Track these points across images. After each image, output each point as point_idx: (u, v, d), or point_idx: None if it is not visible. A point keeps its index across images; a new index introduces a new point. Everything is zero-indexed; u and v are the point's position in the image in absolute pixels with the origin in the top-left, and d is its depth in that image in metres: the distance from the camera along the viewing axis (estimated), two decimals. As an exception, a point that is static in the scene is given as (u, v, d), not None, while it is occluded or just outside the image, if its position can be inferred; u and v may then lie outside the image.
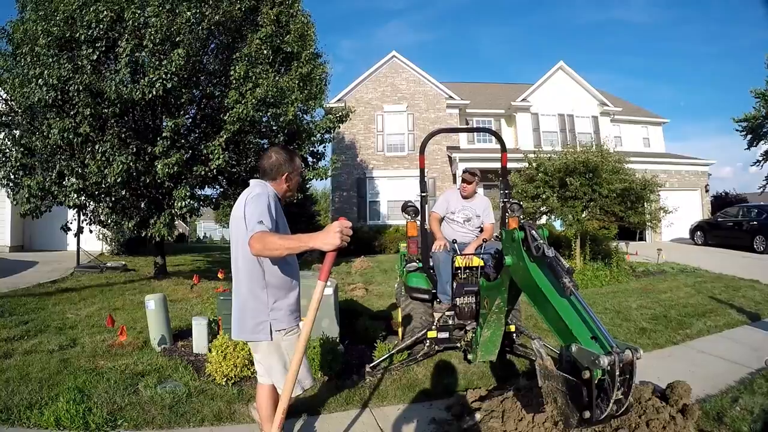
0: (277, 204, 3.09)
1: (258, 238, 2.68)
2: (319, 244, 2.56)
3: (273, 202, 2.99)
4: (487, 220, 6.03)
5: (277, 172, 3.22)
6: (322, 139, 14.33)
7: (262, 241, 2.66)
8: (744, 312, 8.04)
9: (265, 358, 3.20)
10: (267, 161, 3.24)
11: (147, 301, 6.18)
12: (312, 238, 2.61)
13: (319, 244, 2.56)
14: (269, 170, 3.21)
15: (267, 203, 2.91)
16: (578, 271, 11.77)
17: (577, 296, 2.88)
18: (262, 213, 2.83)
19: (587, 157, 12.20)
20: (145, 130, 10.95)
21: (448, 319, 5.52)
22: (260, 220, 2.77)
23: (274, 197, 3.06)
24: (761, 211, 18.38)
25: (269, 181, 3.22)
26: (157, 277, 12.49)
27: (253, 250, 2.71)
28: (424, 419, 4.22)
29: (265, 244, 2.66)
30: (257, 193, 3.00)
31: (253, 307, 3.09)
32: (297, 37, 12.66)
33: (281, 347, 3.12)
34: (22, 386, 4.75)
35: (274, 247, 2.66)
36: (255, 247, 2.69)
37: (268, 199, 2.95)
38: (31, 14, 10.10)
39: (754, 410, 4.05)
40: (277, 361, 3.13)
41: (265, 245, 2.66)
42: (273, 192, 3.13)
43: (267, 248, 2.67)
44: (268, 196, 2.99)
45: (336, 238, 2.51)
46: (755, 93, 26.61)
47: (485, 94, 29.11)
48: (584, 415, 2.58)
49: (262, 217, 2.80)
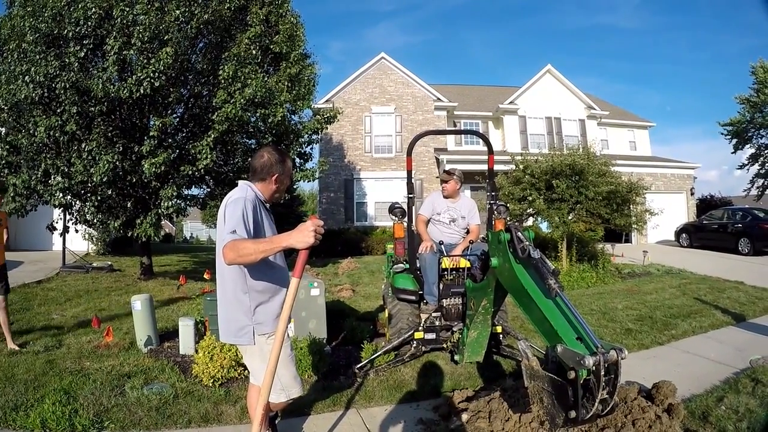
0: (258, 207, 3.02)
1: (230, 247, 2.66)
2: (293, 242, 2.58)
3: (251, 207, 2.92)
4: (473, 221, 6.05)
5: (267, 172, 3.15)
6: (310, 140, 14.32)
7: (234, 249, 2.65)
8: (729, 313, 8.13)
9: (249, 361, 3.18)
10: (258, 160, 3.18)
11: (133, 301, 6.14)
12: (286, 237, 2.63)
13: (294, 243, 2.58)
14: (259, 170, 3.15)
15: (242, 209, 2.85)
16: (564, 272, 11.84)
17: (563, 297, 2.90)
18: (237, 221, 2.79)
19: (574, 160, 12.27)
20: (132, 129, 10.89)
21: (434, 320, 5.53)
22: (233, 230, 2.74)
23: (252, 201, 2.97)
24: (746, 214, 18.59)
25: (257, 182, 3.16)
26: (143, 278, 12.41)
27: (226, 259, 2.71)
28: (411, 420, 4.23)
29: (237, 251, 2.65)
30: (234, 198, 2.95)
31: (235, 311, 3.05)
32: (286, 38, 12.64)
33: (264, 351, 3.07)
34: (7, 388, 4.70)
35: (248, 253, 2.64)
36: (228, 256, 2.68)
37: (244, 204, 2.88)
38: (19, 10, 10.00)
39: (739, 409, 4.09)
40: (259, 364, 3.07)
41: (238, 253, 2.65)
42: (253, 196, 3.04)
43: (240, 255, 2.65)
44: (245, 201, 2.91)
45: (310, 237, 2.54)
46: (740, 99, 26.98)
47: (473, 97, 29.21)
48: (570, 415, 2.59)
49: (236, 226, 2.77)
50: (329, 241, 20.22)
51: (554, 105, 25.85)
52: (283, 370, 3.06)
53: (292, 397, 3.20)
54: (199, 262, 17.46)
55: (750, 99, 26.64)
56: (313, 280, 6.15)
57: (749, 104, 26.73)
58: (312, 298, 5.99)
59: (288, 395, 3.16)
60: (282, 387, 3.10)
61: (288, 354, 3.15)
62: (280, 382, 3.07)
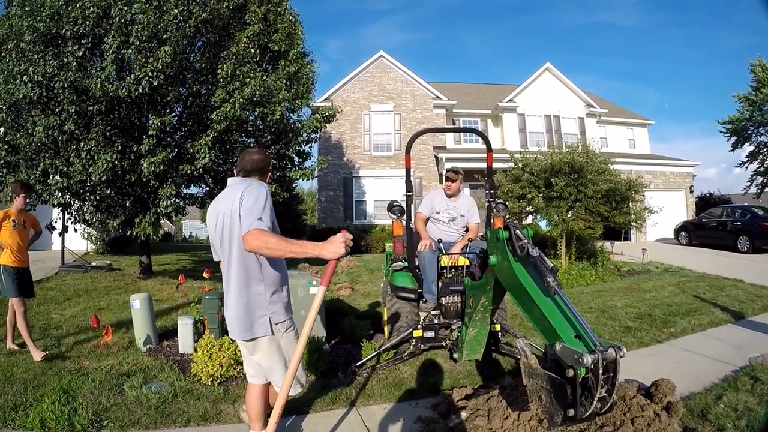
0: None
1: (256, 235, 2.68)
2: (325, 253, 2.71)
3: (270, 198, 2.99)
4: (472, 219, 6.04)
5: (266, 169, 3.31)
6: (309, 139, 14.30)
7: (261, 239, 2.68)
8: (728, 311, 8.14)
9: (266, 358, 3.18)
10: (257, 156, 3.27)
11: (132, 300, 6.14)
12: (318, 247, 2.73)
13: (326, 254, 2.71)
14: (261, 167, 3.26)
15: (266, 199, 2.91)
16: (564, 270, 11.84)
17: (561, 295, 2.89)
18: (263, 210, 2.83)
19: (573, 158, 12.28)
20: (130, 128, 10.88)
21: (433, 318, 5.53)
22: (260, 217, 2.78)
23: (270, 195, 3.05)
24: (745, 212, 18.59)
25: (257, 177, 3.23)
26: (142, 277, 12.40)
27: (247, 245, 2.72)
28: (410, 418, 4.23)
29: (264, 243, 2.68)
30: (256, 186, 2.99)
31: (251, 302, 3.08)
32: (284, 36, 12.63)
33: (281, 346, 3.14)
34: (6, 387, 4.71)
35: (275, 248, 2.69)
36: (251, 243, 2.69)
37: (267, 194, 2.95)
38: (17, 9, 9.97)
39: (738, 407, 4.09)
40: (278, 360, 3.15)
41: (265, 244, 2.68)
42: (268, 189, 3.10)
43: (266, 247, 2.69)
44: (266, 191, 2.98)
45: (341, 248, 2.70)
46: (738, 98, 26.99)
47: (472, 95, 29.20)
48: (569, 413, 2.59)
49: (262, 215, 2.81)
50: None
51: (553, 103, 25.84)
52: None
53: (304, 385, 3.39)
54: (199, 261, 17.45)
55: (748, 97, 26.65)
56: (313, 279, 6.15)
57: (748, 102, 26.74)
58: (311, 296, 5.99)
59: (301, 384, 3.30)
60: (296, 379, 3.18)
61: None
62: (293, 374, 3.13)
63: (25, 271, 6.08)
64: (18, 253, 5.92)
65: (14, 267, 5.87)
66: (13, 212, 5.99)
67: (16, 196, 6.07)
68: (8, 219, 5.89)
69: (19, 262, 5.93)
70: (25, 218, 6.16)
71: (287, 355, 3.14)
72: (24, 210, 6.21)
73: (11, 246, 5.86)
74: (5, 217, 5.88)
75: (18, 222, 5.98)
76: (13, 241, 5.89)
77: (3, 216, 5.87)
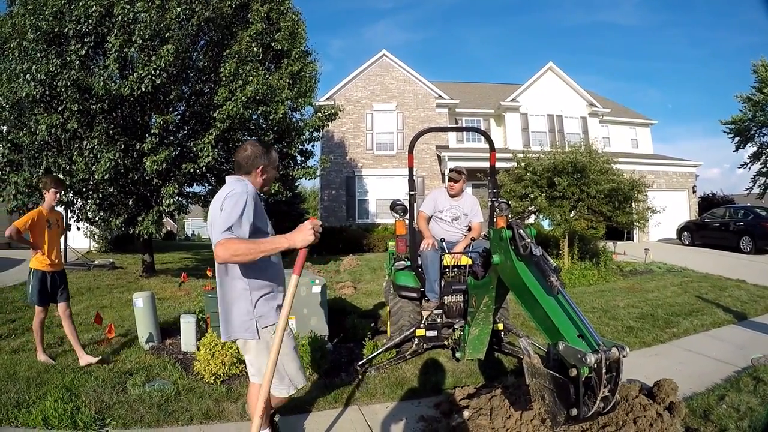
0: (257, 202, 3.02)
1: (224, 247, 2.67)
2: (294, 242, 2.68)
3: (252, 202, 2.92)
4: (476, 218, 6.04)
5: (252, 165, 3.14)
6: (311, 138, 14.31)
7: (228, 248, 2.66)
8: (730, 311, 8.12)
9: (255, 359, 3.15)
10: (242, 153, 3.16)
11: (135, 299, 6.15)
12: (287, 238, 2.70)
13: (295, 243, 2.68)
14: (244, 163, 3.14)
15: (243, 206, 2.85)
16: (566, 270, 11.83)
17: (564, 295, 2.89)
18: (235, 219, 2.79)
19: (575, 158, 12.26)
20: (133, 127, 10.90)
21: (436, 317, 5.53)
22: (229, 226, 2.74)
23: (254, 196, 2.99)
24: (748, 212, 18.54)
25: (244, 176, 3.15)
26: (145, 275, 12.42)
27: (218, 258, 2.72)
28: (412, 417, 4.23)
29: (232, 251, 2.66)
30: (237, 193, 2.92)
31: (236, 305, 3.04)
32: (287, 35, 12.64)
33: (269, 343, 3.08)
34: (9, 385, 4.72)
35: (244, 253, 2.67)
36: (220, 256, 2.69)
37: (246, 200, 2.88)
38: (20, 8, 10.01)
39: (741, 408, 4.09)
40: (264, 357, 3.07)
41: (234, 252, 2.66)
42: (253, 190, 3.03)
43: (236, 255, 2.68)
44: (247, 195, 2.91)
45: (310, 235, 2.67)
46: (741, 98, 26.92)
47: (475, 94, 29.17)
48: (571, 413, 2.59)
49: (232, 222, 2.77)
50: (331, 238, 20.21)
51: (556, 102, 25.81)
52: (290, 363, 3.13)
53: (298, 386, 3.25)
54: (201, 260, 17.47)
55: (751, 97, 26.57)
56: (315, 278, 6.14)
57: (751, 103, 26.65)
58: (313, 295, 6.00)
59: (295, 386, 3.21)
60: (290, 379, 3.15)
61: (292, 347, 3.19)
62: (287, 375, 3.13)
63: (59, 274, 5.56)
64: (51, 256, 5.43)
65: (46, 272, 5.39)
66: (46, 211, 5.45)
67: (46, 192, 5.49)
68: (41, 218, 5.36)
69: (52, 265, 5.44)
70: (57, 217, 5.67)
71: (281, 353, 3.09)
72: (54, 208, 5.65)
73: (45, 248, 5.36)
74: (39, 216, 5.36)
75: (52, 222, 5.48)
76: (47, 243, 5.38)
77: (37, 216, 5.34)
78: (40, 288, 5.35)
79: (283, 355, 3.02)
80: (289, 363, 3.12)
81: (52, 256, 5.44)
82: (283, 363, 3.05)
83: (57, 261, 5.52)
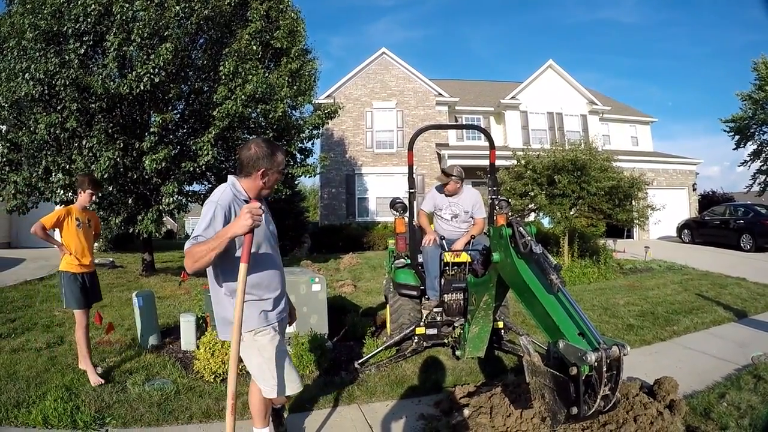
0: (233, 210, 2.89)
1: (187, 255, 2.68)
2: (235, 230, 2.61)
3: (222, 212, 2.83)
4: (478, 214, 5.99)
5: (253, 166, 2.97)
6: (311, 136, 14.29)
7: (190, 256, 2.67)
8: (730, 309, 8.11)
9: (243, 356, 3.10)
10: (245, 152, 3.01)
11: (135, 298, 6.15)
12: (229, 227, 2.65)
13: (236, 230, 2.61)
14: (245, 164, 2.99)
15: (212, 215, 2.80)
16: (566, 268, 11.82)
17: (564, 293, 2.88)
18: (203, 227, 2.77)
19: (576, 155, 12.25)
20: (132, 126, 10.89)
21: (436, 315, 5.53)
22: (195, 236, 2.74)
23: (226, 206, 2.86)
24: (748, 210, 18.54)
25: (243, 178, 3.02)
26: (145, 274, 12.41)
27: (187, 268, 2.72)
28: (412, 415, 4.23)
29: (193, 258, 2.66)
30: (209, 202, 2.89)
31: (222, 309, 3.02)
32: (286, 33, 12.62)
33: (255, 345, 3.04)
34: (9, 385, 4.72)
35: (201, 256, 2.64)
36: (187, 265, 2.71)
37: (214, 210, 2.82)
38: (18, 7, 10.00)
39: (741, 406, 4.08)
40: (249, 356, 3.07)
41: (194, 259, 2.66)
42: (228, 199, 2.91)
43: (196, 261, 2.66)
44: (216, 206, 2.83)
45: (248, 219, 2.58)
46: (741, 96, 26.90)
47: (474, 92, 29.16)
48: (572, 411, 2.58)
49: (198, 232, 2.75)
50: (331, 236, 20.22)
51: (556, 100, 25.81)
52: (272, 365, 3.06)
53: (288, 393, 3.17)
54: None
55: (752, 95, 26.55)
56: (315, 276, 6.14)
57: (751, 101, 26.63)
58: (313, 293, 5.99)
59: (283, 391, 3.11)
60: (276, 383, 3.07)
61: (276, 350, 3.08)
62: (273, 378, 3.06)
63: (91, 276, 5.32)
64: (82, 257, 5.16)
65: (77, 273, 5.12)
66: (77, 210, 5.22)
67: (81, 192, 5.23)
68: (70, 217, 5.13)
69: (83, 267, 5.17)
70: (90, 217, 5.43)
71: (264, 355, 3.04)
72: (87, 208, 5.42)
73: (74, 248, 5.12)
74: (67, 214, 5.13)
75: (82, 221, 5.23)
76: (77, 243, 5.13)
77: (64, 213, 5.12)
78: (73, 290, 5.06)
79: (268, 359, 3.01)
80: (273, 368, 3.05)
81: (80, 257, 5.14)
82: (268, 367, 3.03)
83: (88, 262, 5.23)
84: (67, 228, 5.11)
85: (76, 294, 5.05)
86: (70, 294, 5.05)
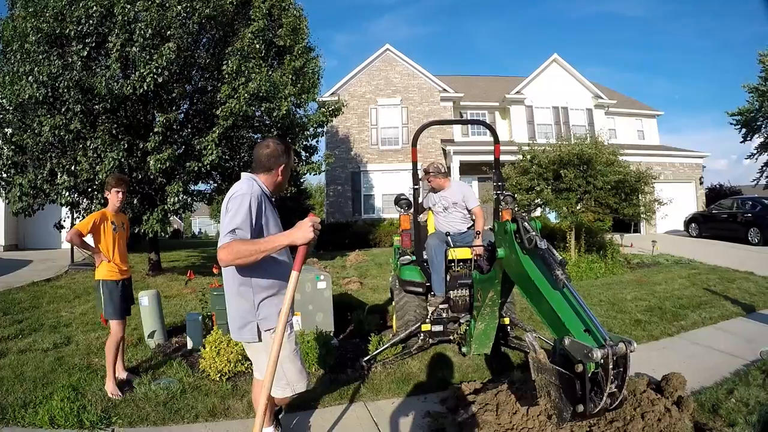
0: (263, 202, 2.94)
1: (227, 250, 2.67)
2: (294, 239, 2.67)
3: (256, 203, 2.86)
4: (471, 204, 5.97)
5: (274, 163, 3.08)
6: (315, 133, 14.29)
7: (231, 252, 2.67)
8: (739, 304, 8.05)
9: (255, 356, 3.15)
10: (264, 150, 3.09)
11: (141, 297, 6.16)
12: (286, 235, 2.71)
13: (294, 240, 2.67)
14: (265, 160, 3.07)
15: (248, 206, 2.81)
16: (573, 263, 11.78)
17: (570, 288, 2.86)
18: (240, 220, 2.77)
19: (581, 150, 12.18)
20: (136, 126, 10.91)
21: (442, 312, 5.51)
22: (233, 229, 2.74)
23: (258, 197, 2.91)
24: (755, 204, 18.38)
25: (262, 174, 3.08)
26: (151, 274, 12.46)
27: (222, 261, 2.72)
28: (418, 412, 4.21)
29: (235, 254, 2.66)
30: (240, 194, 2.87)
31: (239, 307, 3.01)
32: (289, 31, 12.63)
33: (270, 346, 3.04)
34: (16, 385, 4.74)
35: (246, 254, 2.66)
36: (224, 259, 2.70)
37: (249, 201, 2.83)
38: (21, 11, 10.04)
39: (750, 402, 4.04)
40: (265, 359, 3.06)
41: (236, 255, 2.67)
42: (258, 191, 2.95)
43: (238, 258, 2.67)
44: (251, 197, 2.85)
45: (309, 232, 2.65)
46: (748, 88, 26.69)
47: (479, 87, 29.07)
48: (578, 409, 2.56)
49: (238, 226, 2.75)
50: (337, 233, 20.21)
51: (561, 94, 25.68)
52: (288, 364, 3.05)
53: (298, 391, 3.17)
54: (208, 257, 17.49)
55: (758, 88, 26.35)
56: (320, 273, 6.13)
57: (758, 93, 26.42)
58: (319, 291, 5.99)
59: (293, 390, 3.13)
60: (288, 382, 3.09)
61: (293, 348, 3.11)
62: (285, 377, 3.06)
63: (129, 282, 5.20)
64: (120, 263, 4.93)
65: (118, 281, 4.90)
66: (111, 213, 4.91)
67: (108, 191, 4.94)
68: (106, 221, 4.82)
69: (121, 273, 4.95)
70: (123, 220, 5.16)
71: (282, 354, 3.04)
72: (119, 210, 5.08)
73: (115, 254, 4.87)
74: (102, 219, 4.79)
75: (117, 224, 4.95)
76: (114, 249, 4.87)
77: (100, 218, 4.78)
78: (114, 299, 4.82)
79: (284, 357, 2.97)
80: (288, 364, 3.05)
81: (120, 263, 4.93)
82: (282, 366, 2.99)
83: (126, 268, 5.04)
84: (104, 233, 4.81)
85: (117, 304, 4.85)
86: (111, 304, 4.81)
